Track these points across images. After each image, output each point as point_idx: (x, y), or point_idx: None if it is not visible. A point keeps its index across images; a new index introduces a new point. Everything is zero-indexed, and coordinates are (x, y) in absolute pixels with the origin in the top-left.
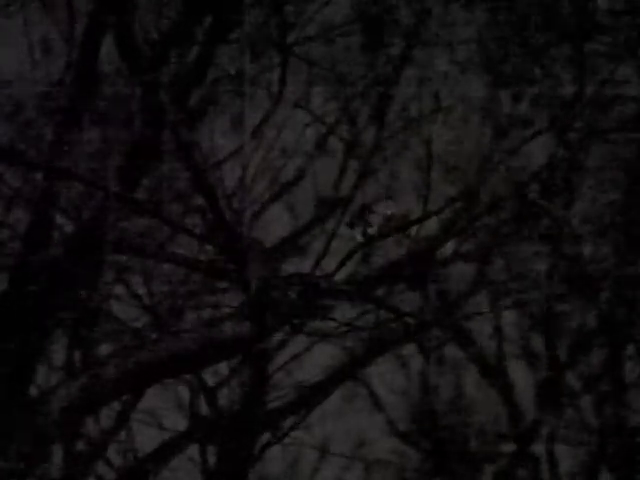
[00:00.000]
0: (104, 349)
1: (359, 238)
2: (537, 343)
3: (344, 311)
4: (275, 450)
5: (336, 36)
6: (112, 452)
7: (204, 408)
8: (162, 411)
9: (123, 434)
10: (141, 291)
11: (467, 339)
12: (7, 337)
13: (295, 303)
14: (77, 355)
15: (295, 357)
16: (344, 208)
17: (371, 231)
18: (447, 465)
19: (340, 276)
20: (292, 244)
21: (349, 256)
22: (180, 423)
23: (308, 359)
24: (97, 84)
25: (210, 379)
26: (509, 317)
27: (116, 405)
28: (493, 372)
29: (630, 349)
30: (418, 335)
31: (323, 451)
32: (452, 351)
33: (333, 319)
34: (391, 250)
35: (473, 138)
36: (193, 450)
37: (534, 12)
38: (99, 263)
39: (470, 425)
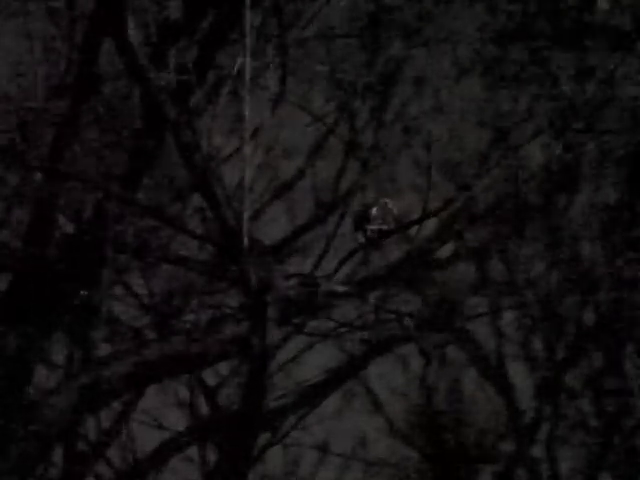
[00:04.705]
0: (104, 349)
1: (360, 238)
2: (537, 343)
3: (344, 311)
4: (275, 450)
5: (336, 36)
6: (112, 452)
7: (204, 408)
8: (162, 411)
9: (123, 434)
10: (141, 291)
11: (467, 339)
12: (7, 336)
13: (295, 303)
14: (77, 355)
15: (295, 357)
16: (344, 208)
17: (371, 233)
18: (446, 465)
19: (340, 276)
20: (292, 244)
21: (349, 256)
22: (180, 423)
23: (308, 359)
24: (97, 84)
25: (210, 379)
26: (509, 317)
27: (116, 405)
28: (493, 372)
29: (630, 348)
30: (418, 335)
31: (323, 451)
32: (452, 351)
33: (333, 319)
34: (391, 250)
35: (473, 138)
36: (193, 450)
37: (534, 11)
38: (99, 263)
39: (470, 425)
